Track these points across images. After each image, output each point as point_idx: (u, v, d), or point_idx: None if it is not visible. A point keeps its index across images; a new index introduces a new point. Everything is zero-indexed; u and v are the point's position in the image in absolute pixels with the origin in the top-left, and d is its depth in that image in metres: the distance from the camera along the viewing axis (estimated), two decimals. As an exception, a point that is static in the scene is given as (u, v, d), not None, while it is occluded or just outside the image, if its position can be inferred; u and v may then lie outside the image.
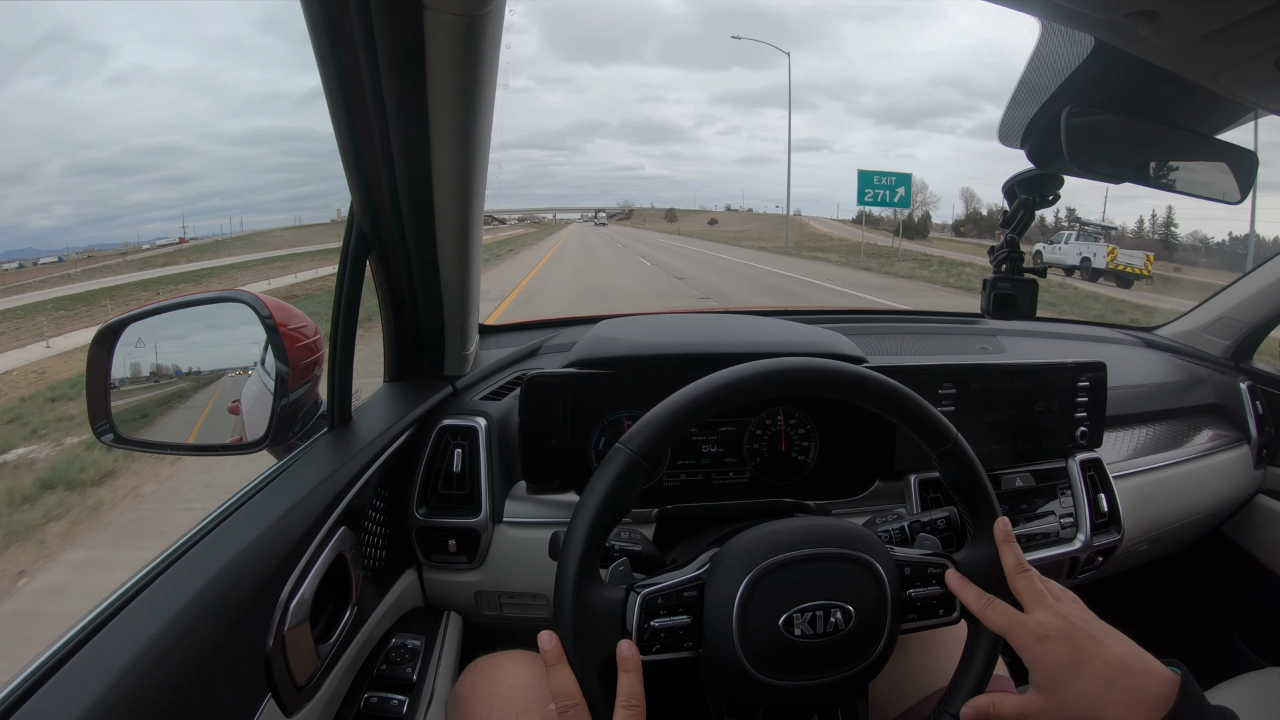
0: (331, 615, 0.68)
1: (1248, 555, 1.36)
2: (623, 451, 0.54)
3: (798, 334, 1.02)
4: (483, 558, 0.89)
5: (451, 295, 0.87)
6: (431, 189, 0.71)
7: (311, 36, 0.57)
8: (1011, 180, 0.89)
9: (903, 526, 0.70)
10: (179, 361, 0.81)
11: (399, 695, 0.74)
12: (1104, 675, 0.51)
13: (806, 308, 1.45)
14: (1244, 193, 0.74)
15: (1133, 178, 0.72)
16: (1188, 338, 1.46)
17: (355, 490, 0.72)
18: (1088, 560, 1.03)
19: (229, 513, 0.62)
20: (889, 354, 1.15)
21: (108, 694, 0.42)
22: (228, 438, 0.83)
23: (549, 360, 1.08)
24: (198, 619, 0.49)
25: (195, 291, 0.84)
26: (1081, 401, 1.03)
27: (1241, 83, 0.55)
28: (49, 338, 8.52)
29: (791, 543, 0.55)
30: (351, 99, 0.62)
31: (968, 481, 0.61)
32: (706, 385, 0.57)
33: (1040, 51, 0.64)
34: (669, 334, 0.96)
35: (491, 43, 0.58)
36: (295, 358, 0.74)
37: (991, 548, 0.61)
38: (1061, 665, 0.52)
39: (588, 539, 0.53)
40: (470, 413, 0.92)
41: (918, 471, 0.95)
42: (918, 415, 0.60)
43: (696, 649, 0.55)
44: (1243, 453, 1.30)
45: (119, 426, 0.73)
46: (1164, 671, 0.50)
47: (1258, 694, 0.68)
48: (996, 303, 0.96)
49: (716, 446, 0.91)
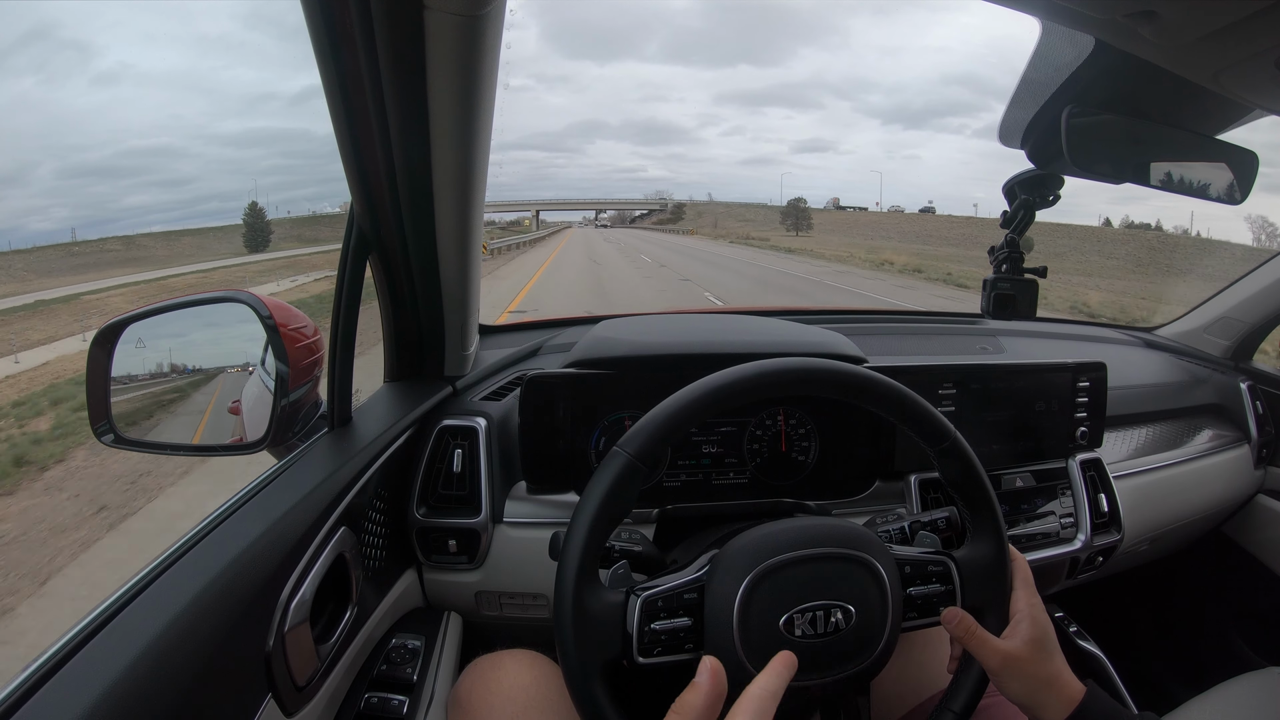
0: (332, 615, 0.68)
1: (1248, 555, 1.36)
2: (621, 454, 0.54)
3: (797, 334, 1.02)
4: (483, 558, 0.89)
5: (451, 295, 0.87)
6: (431, 189, 0.71)
7: (311, 36, 0.57)
8: (1012, 180, 0.89)
9: (903, 526, 0.70)
10: (179, 361, 0.81)
11: (399, 695, 0.74)
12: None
13: (807, 308, 1.45)
14: (1244, 193, 0.74)
15: (1133, 178, 0.72)
16: (1188, 338, 1.46)
17: (355, 490, 0.72)
18: (1088, 560, 1.03)
19: (229, 513, 0.62)
20: (889, 354, 1.15)
21: (108, 694, 0.42)
22: (228, 438, 0.83)
23: (549, 360, 1.08)
24: (198, 619, 0.49)
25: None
26: (1082, 402, 1.04)
27: (1241, 83, 0.55)
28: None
29: (792, 543, 0.55)
30: (351, 99, 0.62)
31: (967, 480, 0.62)
32: (705, 386, 0.57)
33: (1040, 51, 0.64)
34: (669, 334, 0.96)
35: (491, 42, 0.58)
36: (295, 358, 0.74)
37: (991, 547, 0.61)
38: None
39: (587, 543, 0.53)
40: (470, 413, 0.92)
41: (918, 471, 0.95)
42: (916, 414, 0.60)
43: (697, 651, 0.55)
44: (1243, 453, 1.30)
45: (119, 427, 0.73)
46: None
47: (1258, 694, 0.68)
48: (996, 303, 0.96)
49: (716, 447, 0.91)
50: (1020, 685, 0.57)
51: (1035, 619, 0.59)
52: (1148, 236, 30.15)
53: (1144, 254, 26.73)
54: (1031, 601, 0.60)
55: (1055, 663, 0.57)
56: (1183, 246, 25.24)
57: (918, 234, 37.40)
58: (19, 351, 8.27)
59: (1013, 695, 0.57)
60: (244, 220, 33.36)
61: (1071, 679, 0.57)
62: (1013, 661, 0.57)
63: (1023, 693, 0.57)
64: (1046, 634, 0.58)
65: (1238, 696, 0.68)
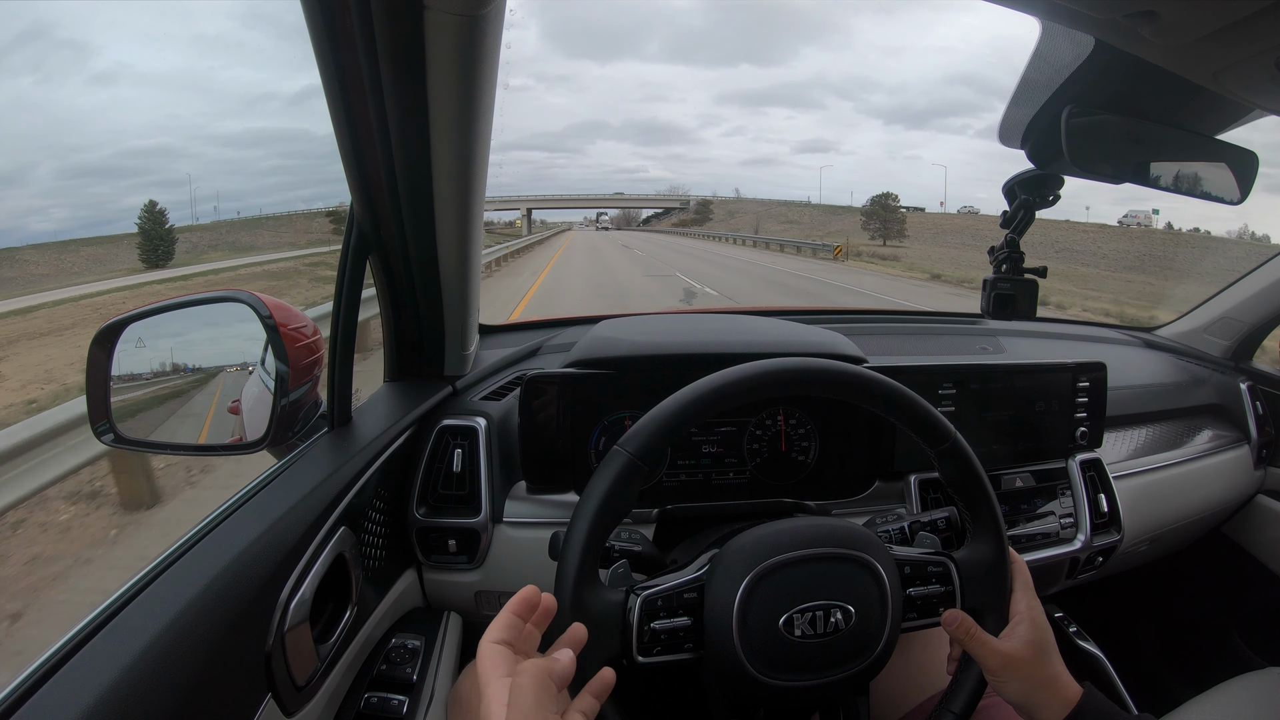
0: (331, 615, 0.68)
1: (1248, 555, 1.36)
2: (621, 454, 0.54)
3: (797, 334, 1.02)
4: (483, 558, 0.89)
5: (451, 295, 0.87)
6: (431, 189, 0.71)
7: (311, 36, 0.57)
8: (1012, 180, 0.89)
9: (903, 526, 0.70)
10: (179, 361, 0.81)
11: (399, 695, 0.74)
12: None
13: (807, 307, 1.45)
14: (1244, 193, 0.74)
15: (1133, 178, 0.72)
16: (1188, 338, 1.46)
17: (355, 490, 0.72)
18: (1088, 560, 1.03)
19: (229, 513, 0.62)
20: (889, 354, 1.15)
21: (108, 694, 0.42)
22: (228, 438, 0.83)
23: (549, 360, 1.08)
24: (198, 619, 0.49)
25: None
26: (1081, 402, 1.04)
27: (1241, 83, 0.55)
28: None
29: (791, 543, 0.55)
30: (351, 99, 0.62)
31: (967, 481, 0.62)
32: (706, 386, 0.57)
33: (1040, 51, 0.64)
34: (669, 334, 0.96)
35: (491, 43, 0.58)
36: (295, 358, 0.74)
37: (991, 549, 0.61)
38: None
39: (587, 541, 0.53)
40: (470, 413, 0.92)
41: (918, 471, 0.95)
42: (916, 414, 0.60)
43: (697, 650, 0.55)
44: (1243, 453, 1.30)
45: (119, 426, 0.73)
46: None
47: (1258, 694, 0.68)
48: (996, 303, 0.96)
49: (716, 447, 0.91)
50: (1018, 687, 0.57)
51: (1035, 621, 0.59)
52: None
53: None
54: (1031, 604, 0.60)
55: (1053, 665, 0.57)
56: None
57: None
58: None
59: (1010, 697, 0.57)
60: (139, 226, 23.47)
61: (1069, 681, 0.57)
62: (1012, 663, 0.57)
63: (1021, 694, 0.57)
64: (1046, 636, 0.58)
65: (1238, 696, 0.68)
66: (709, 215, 69.34)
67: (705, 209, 71.66)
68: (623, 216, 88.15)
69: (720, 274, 15.44)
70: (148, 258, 21.96)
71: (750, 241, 33.38)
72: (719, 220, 64.98)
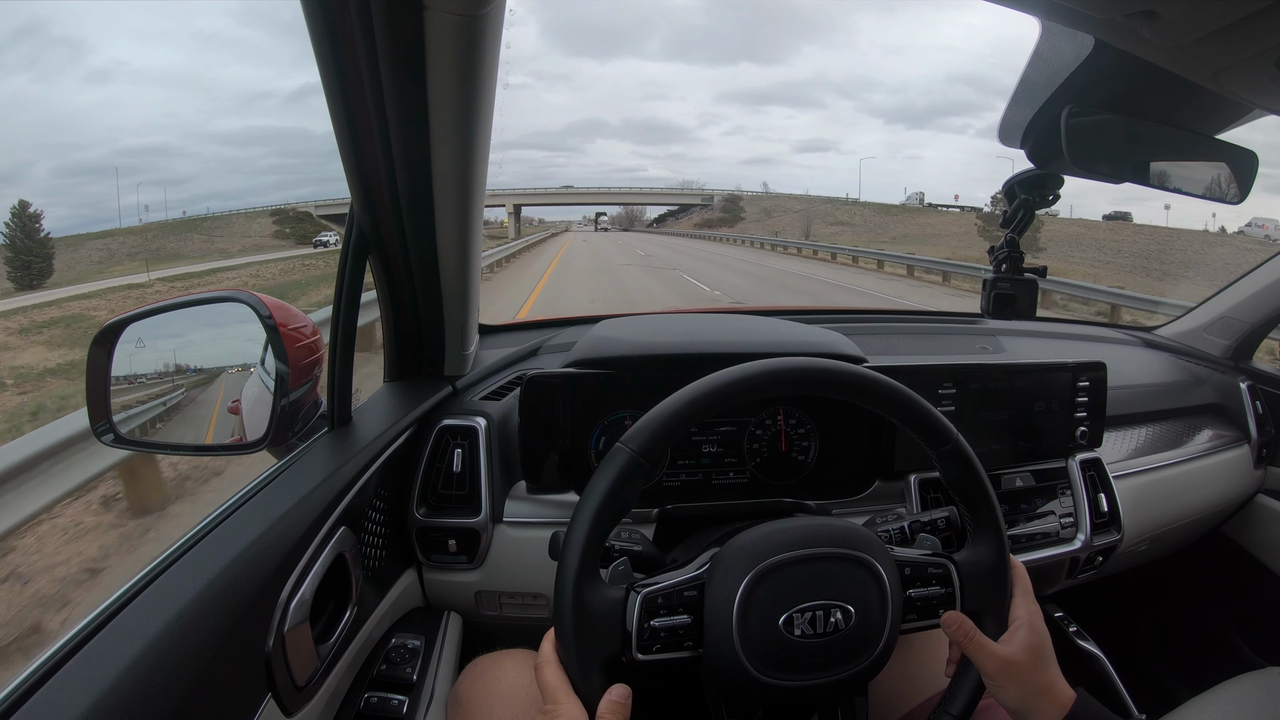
0: (331, 615, 0.68)
1: (1248, 555, 1.36)
2: (623, 451, 0.54)
3: (798, 334, 1.02)
4: (483, 558, 0.89)
5: (451, 295, 0.87)
6: (431, 189, 0.71)
7: (311, 36, 0.57)
8: (1011, 180, 0.89)
9: (903, 526, 0.70)
10: (180, 361, 0.81)
11: (399, 695, 0.74)
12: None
13: (807, 307, 1.45)
14: (1244, 193, 0.74)
15: (1133, 178, 0.72)
16: (1188, 338, 1.46)
17: (355, 490, 0.72)
18: (1088, 560, 1.03)
19: (229, 513, 0.62)
20: (889, 354, 1.15)
21: (108, 694, 0.42)
22: (228, 438, 0.83)
23: (549, 360, 1.08)
24: (198, 619, 0.49)
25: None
26: (1081, 401, 1.04)
27: (1241, 83, 0.55)
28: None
29: (791, 542, 0.55)
30: (351, 99, 0.62)
31: (968, 483, 0.61)
32: (707, 385, 0.57)
33: (1040, 51, 0.64)
34: (669, 334, 0.96)
35: (491, 42, 0.58)
36: (295, 358, 0.74)
37: (992, 552, 0.61)
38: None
39: (588, 539, 0.53)
40: (470, 413, 0.92)
41: (918, 471, 0.95)
42: (918, 415, 0.60)
43: (696, 649, 0.55)
44: (1243, 453, 1.30)
45: (119, 427, 0.73)
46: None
47: (1258, 694, 0.68)
48: (996, 303, 0.96)
49: (716, 446, 0.91)
50: (1015, 692, 0.57)
51: (1034, 626, 0.59)
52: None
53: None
54: (1031, 609, 0.60)
55: (1051, 671, 0.58)
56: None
57: (1093, 242, 24.64)
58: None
59: (1007, 702, 0.57)
60: (4, 237, 18.18)
61: (1065, 687, 0.57)
62: (1010, 668, 0.57)
63: (1017, 699, 0.57)
64: (1044, 643, 0.59)
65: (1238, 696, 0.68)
66: (740, 214, 57.23)
67: (735, 205, 59.04)
68: (625, 215, 76.77)
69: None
70: (17, 276, 17.43)
71: (814, 252, 23.39)
72: (752, 221, 53.03)
